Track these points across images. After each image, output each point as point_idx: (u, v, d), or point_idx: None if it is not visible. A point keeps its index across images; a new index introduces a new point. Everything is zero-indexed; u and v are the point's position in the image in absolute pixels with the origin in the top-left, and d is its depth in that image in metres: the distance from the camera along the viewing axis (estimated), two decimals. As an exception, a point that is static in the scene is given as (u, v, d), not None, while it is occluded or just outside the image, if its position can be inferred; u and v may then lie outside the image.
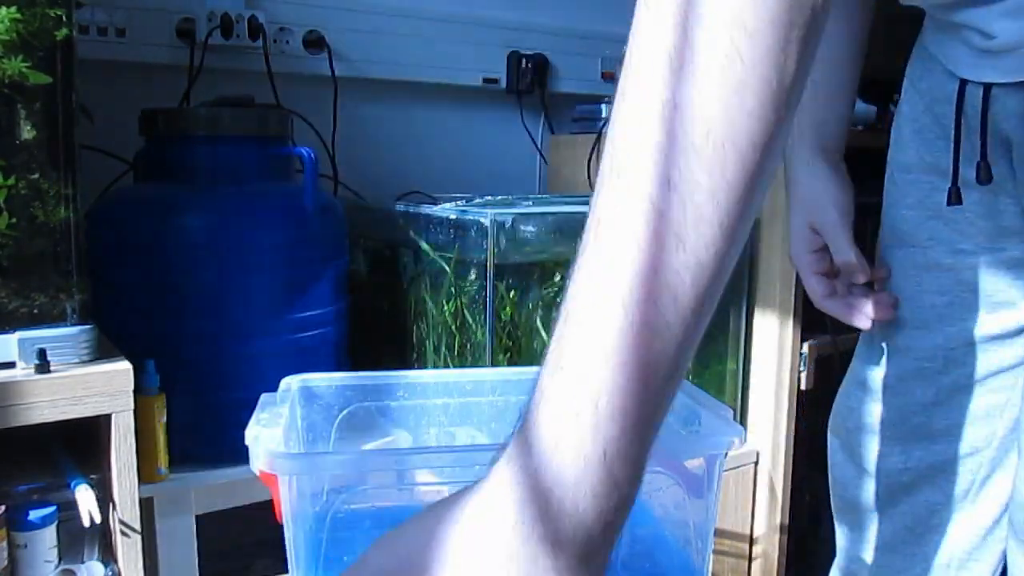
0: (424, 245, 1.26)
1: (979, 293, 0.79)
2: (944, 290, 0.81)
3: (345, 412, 0.79)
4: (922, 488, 0.84)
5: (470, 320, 1.19)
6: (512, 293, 1.17)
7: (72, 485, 0.91)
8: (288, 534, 0.60)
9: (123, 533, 0.90)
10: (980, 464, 0.82)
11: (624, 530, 0.38)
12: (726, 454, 0.66)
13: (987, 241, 0.78)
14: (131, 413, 0.89)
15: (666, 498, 0.70)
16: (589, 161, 1.66)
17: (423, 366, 1.28)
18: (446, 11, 1.69)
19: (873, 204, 0.87)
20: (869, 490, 0.88)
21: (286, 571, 0.61)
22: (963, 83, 0.74)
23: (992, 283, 0.79)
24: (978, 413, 0.81)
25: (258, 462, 0.57)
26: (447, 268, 1.21)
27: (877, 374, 0.86)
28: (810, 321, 1.39)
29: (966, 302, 0.80)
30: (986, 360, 0.80)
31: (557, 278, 1.21)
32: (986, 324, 0.79)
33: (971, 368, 0.81)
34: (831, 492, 0.93)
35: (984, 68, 0.71)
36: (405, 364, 1.32)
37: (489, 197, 1.29)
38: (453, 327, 1.22)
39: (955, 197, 0.76)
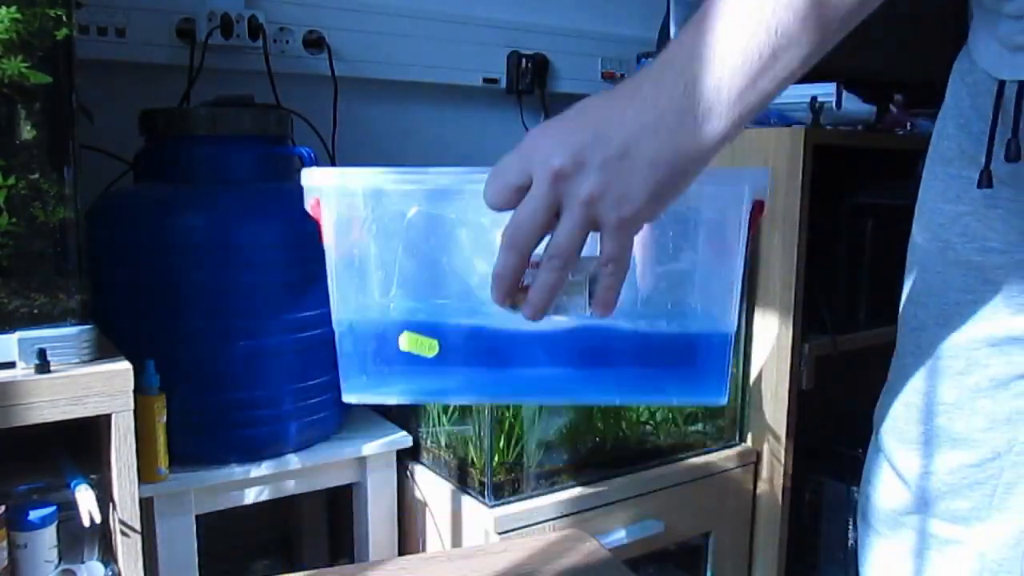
0: (424, 245, 1.25)
1: (1004, 293, 0.78)
2: (970, 288, 0.80)
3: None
4: (944, 494, 0.83)
5: (470, 320, 1.18)
6: (512, 293, 1.16)
7: (72, 485, 0.91)
8: (329, 258, 0.62)
9: (123, 533, 0.90)
10: (1002, 469, 0.81)
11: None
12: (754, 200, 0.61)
13: (1018, 240, 0.77)
14: (131, 413, 0.89)
15: (689, 243, 0.66)
16: (589, 161, 1.66)
17: (423, 366, 1.28)
18: (446, 11, 1.69)
19: (872, 205, 0.87)
20: (893, 496, 0.88)
21: (286, 571, 0.61)
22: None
23: (1019, 284, 0.78)
24: (1000, 418, 0.80)
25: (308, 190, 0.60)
26: (447, 268, 1.21)
27: (905, 373, 0.86)
28: (810, 321, 1.39)
29: (991, 301, 0.79)
30: (1009, 363, 0.79)
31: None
32: (1010, 325, 0.78)
33: (994, 371, 0.80)
34: (860, 493, 0.93)
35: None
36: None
37: (489, 197, 1.29)
38: (453, 327, 1.22)
39: (986, 180, 0.74)
